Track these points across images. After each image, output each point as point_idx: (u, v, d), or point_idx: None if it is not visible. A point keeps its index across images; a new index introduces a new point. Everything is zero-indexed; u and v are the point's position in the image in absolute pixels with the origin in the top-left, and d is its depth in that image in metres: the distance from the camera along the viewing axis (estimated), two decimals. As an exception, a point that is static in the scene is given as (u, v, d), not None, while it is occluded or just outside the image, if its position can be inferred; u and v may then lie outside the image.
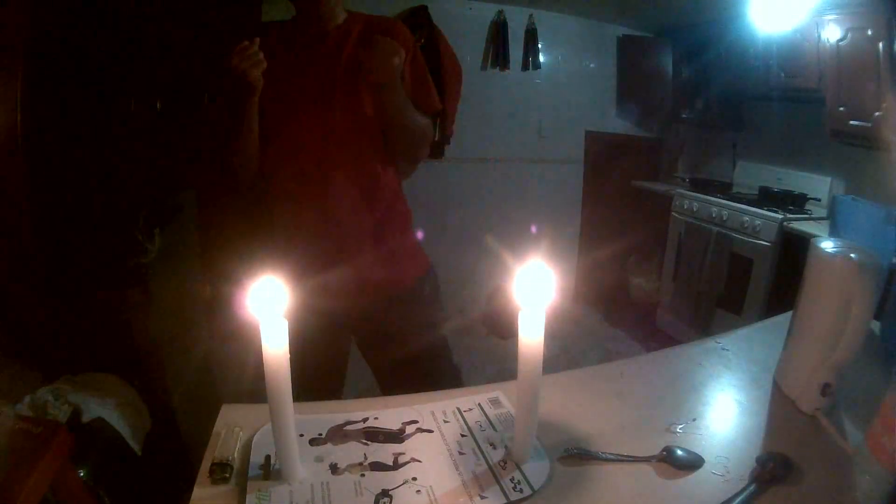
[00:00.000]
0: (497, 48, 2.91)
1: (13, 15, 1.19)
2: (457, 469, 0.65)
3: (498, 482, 0.62)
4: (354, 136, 1.05)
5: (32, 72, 1.23)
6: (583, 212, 3.37)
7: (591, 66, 3.23)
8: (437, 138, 1.09)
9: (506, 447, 0.68)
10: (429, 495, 0.60)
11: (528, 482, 0.62)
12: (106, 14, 1.43)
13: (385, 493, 0.60)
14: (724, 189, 2.84)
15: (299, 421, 0.65)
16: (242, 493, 0.59)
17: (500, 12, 2.87)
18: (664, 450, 0.67)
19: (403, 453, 0.67)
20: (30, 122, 1.23)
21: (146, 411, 1.34)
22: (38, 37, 1.24)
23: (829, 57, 2.22)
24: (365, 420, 0.73)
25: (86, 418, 1.18)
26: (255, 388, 0.72)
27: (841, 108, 2.21)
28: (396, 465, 0.65)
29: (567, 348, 2.71)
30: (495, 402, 0.79)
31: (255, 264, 0.60)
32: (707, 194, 2.71)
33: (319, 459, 0.65)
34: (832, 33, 2.18)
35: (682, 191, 2.86)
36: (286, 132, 1.04)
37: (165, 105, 1.64)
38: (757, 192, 2.68)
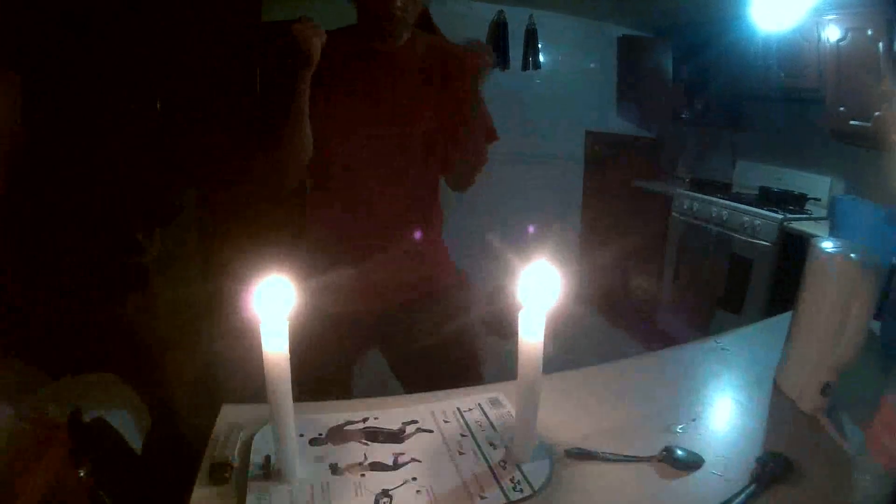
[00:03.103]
0: (497, 48, 2.91)
1: (13, 15, 1.19)
2: (457, 469, 0.64)
3: (498, 482, 0.62)
4: (408, 152, 1.07)
5: (32, 72, 1.23)
6: (583, 212, 3.37)
7: (591, 66, 3.23)
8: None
9: (506, 447, 0.68)
10: (429, 495, 0.60)
11: (528, 482, 0.62)
12: (106, 14, 1.42)
13: (385, 493, 0.60)
14: (724, 189, 2.84)
15: (299, 421, 0.65)
16: (242, 493, 0.59)
17: (500, 12, 2.87)
18: (664, 450, 0.67)
19: (403, 453, 0.67)
20: (30, 122, 1.22)
21: (146, 411, 1.34)
22: (38, 37, 1.24)
23: (829, 57, 2.21)
24: (365, 420, 0.73)
25: (86, 418, 1.18)
26: (255, 388, 0.72)
27: (841, 108, 2.21)
28: (396, 465, 0.65)
29: (567, 348, 2.70)
30: (495, 402, 0.79)
31: (258, 263, 0.60)
32: (707, 194, 2.71)
33: (319, 459, 0.65)
34: (832, 33, 2.17)
35: (682, 191, 2.86)
36: (341, 141, 1.03)
37: (165, 105, 1.64)
38: (757, 192, 2.68)
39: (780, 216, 2.29)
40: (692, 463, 0.66)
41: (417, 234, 1.12)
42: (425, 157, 1.09)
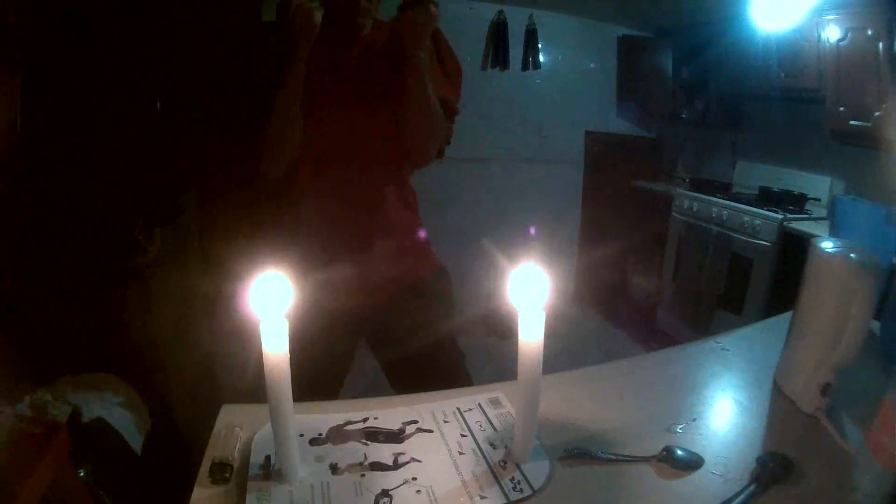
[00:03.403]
0: (497, 48, 2.91)
1: (13, 15, 1.19)
2: (457, 469, 0.64)
3: (498, 482, 0.62)
4: (376, 139, 1.08)
5: (32, 72, 1.23)
6: (583, 212, 3.37)
7: (591, 66, 3.23)
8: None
9: (506, 447, 0.68)
10: (429, 495, 0.60)
11: (528, 482, 0.62)
12: (106, 14, 1.43)
13: (385, 493, 0.60)
14: (724, 189, 2.84)
15: (299, 421, 0.65)
16: (242, 493, 0.59)
17: (500, 12, 2.87)
18: (664, 450, 0.67)
19: (403, 453, 0.67)
20: (30, 122, 1.23)
21: (146, 411, 1.34)
22: (37, 37, 1.24)
23: (829, 57, 2.22)
24: (365, 420, 0.73)
25: (86, 418, 1.18)
26: (255, 388, 0.72)
27: (841, 108, 2.21)
28: (396, 465, 0.65)
29: (567, 348, 2.70)
30: (495, 402, 0.79)
31: (258, 263, 0.60)
32: (707, 194, 2.71)
33: (319, 459, 0.65)
34: (832, 33, 2.18)
35: (682, 191, 2.86)
36: (310, 132, 1.04)
37: (165, 105, 1.63)
38: (757, 192, 2.68)
39: (780, 216, 2.29)
40: (692, 463, 0.66)
41: (394, 221, 1.12)
42: (396, 141, 1.09)
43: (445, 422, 0.74)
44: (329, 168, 1.07)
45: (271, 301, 0.56)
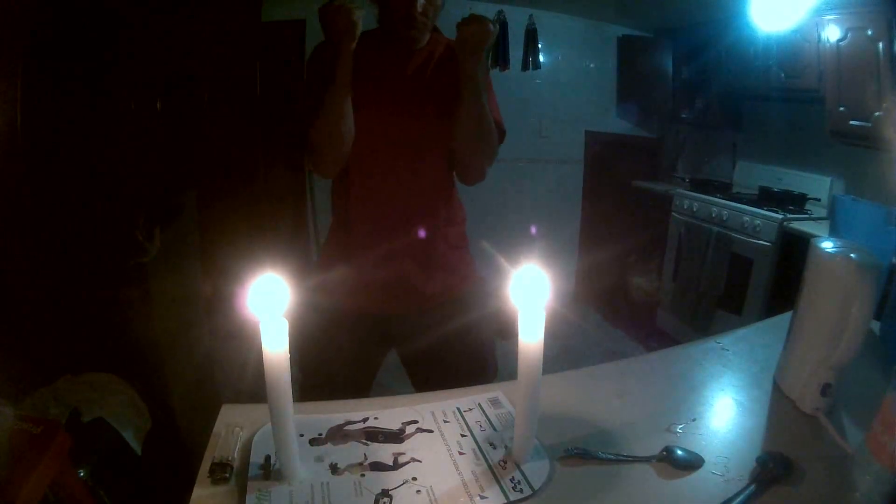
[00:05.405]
0: (497, 48, 2.91)
1: (13, 15, 1.19)
2: (457, 469, 0.65)
3: (498, 482, 0.62)
4: (427, 152, 1.08)
5: (32, 72, 1.23)
6: (583, 212, 3.37)
7: (591, 66, 3.23)
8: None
9: (506, 447, 0.68)
10: (429, 495, 0.60)
11: (528, 482, 0.62)
12: (106, 13, 1.43)
13: (385, 493, 0.60)
14: (724, 189, 2.84)
15: (299, 421, 0.65)
16: (242, 493, 0.59)
17: (500, 12, 2.87)
18: (664, 450, 0.67)
19: (403, 453, 0.67)
20: (30, 121, 1.23)
21: (146, 411, 1.34)
22: (38, 37, 1.24)
23: (829, 57, 2.21)
24: (365, 420, 0.73)
25: (86, 418, 1.18)
26: (255, 388, 0.72)
27: (841, 108, 2.21)
28: (396, 465, 0.65)
29: (567, 348, 2.71)
30: (495, 402, 0.79)
31: (258, 264, 0.60)
32: (707, 194, 2.71)
33: (319, 459, 0.65)
34: (832, 33, 2.18)
35: (682, 191, 2.86)
36: (362, 142, 1.04)
37: (165, 105, 1.63)
38: (757, 192, 2.68)
39: (780, 216, 2.29)
40: (692, 463, 0.66)
41: (440, 234, 1.12)
42: (446, 156, 1.09)
43: (445, 422, 0.74)
44: (379, 176, 1.07)
45: (271, 300, 0.56)
